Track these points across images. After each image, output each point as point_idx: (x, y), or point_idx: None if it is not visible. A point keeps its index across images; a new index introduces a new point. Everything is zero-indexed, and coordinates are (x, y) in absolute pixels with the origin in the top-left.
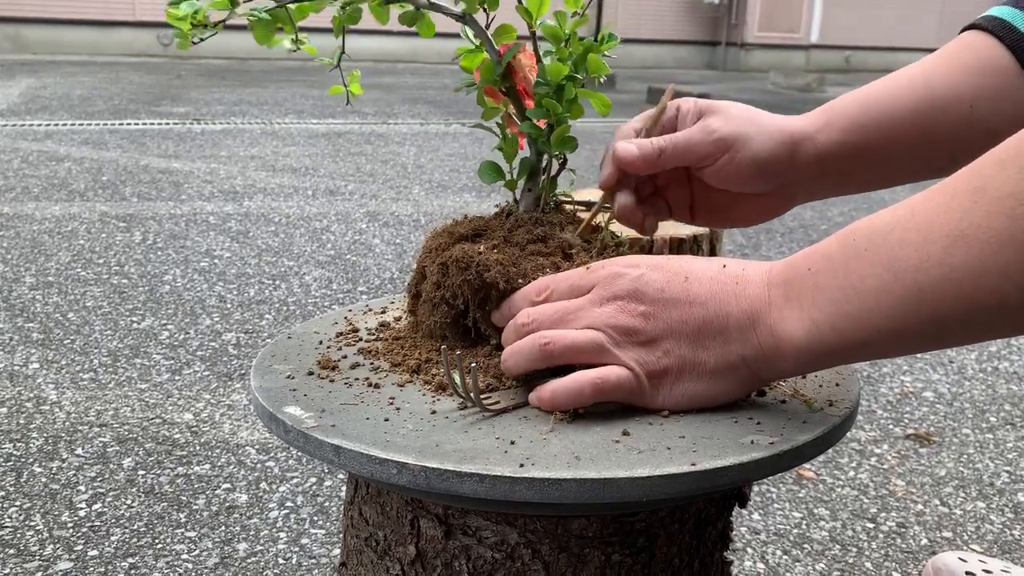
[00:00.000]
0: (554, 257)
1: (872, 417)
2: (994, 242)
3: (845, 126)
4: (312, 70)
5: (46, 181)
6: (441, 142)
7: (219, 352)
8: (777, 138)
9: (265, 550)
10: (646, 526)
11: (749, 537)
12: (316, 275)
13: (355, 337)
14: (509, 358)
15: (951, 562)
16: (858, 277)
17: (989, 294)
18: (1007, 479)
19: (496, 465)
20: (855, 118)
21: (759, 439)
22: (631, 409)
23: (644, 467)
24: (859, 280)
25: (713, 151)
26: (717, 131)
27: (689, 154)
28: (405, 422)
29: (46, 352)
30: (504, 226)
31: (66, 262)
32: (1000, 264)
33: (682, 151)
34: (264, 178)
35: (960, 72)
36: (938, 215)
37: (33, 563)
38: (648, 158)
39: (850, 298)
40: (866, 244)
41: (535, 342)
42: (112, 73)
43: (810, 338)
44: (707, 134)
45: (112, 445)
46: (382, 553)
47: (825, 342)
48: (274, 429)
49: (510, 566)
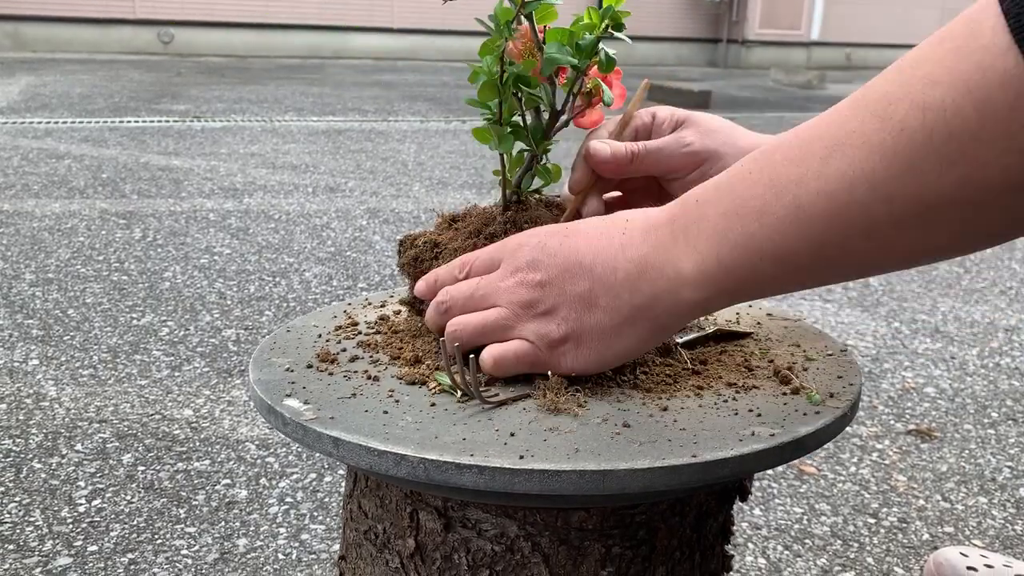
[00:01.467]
0: None
1: (873, 412)
2: (864, 148)
3: None
4: (312, 68)
5: (46, 178)
6: (441, 139)
7: (219, 348)
8: None
9: (265, 545)
10: (646, 519)
11: (750, 532)
12: (316, 272)
13: (354, 330)
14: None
15: (953, 557)
16: (741, 200)
17: (860, 208)
18: (1009, 474)
19: (496, 457)
20: None
21: (760, 431)
22: (630, 401)
23: (644, 459)
24: (742, 203)
25: (685, 164)
26: (691, 144)
27: (661, 163)
28: (404, 414)
29: (46, 348)
30: (480, 216)
31: (66, 259)
32: (867, 171)
33: (654, 159)
34: (264, 175)
35: None
36: (820, 127)
37: (32, 559)
38: (620, 160)
39: (733, 224)
40: (750, 167)
41: (449, 330)
42: (112, 71)
43: (697, 272)
44: (680, 146)
45: (112, 441)
46: (381, 546)
47: (712, 274)
48: (273, 422)
49: (510, 559)
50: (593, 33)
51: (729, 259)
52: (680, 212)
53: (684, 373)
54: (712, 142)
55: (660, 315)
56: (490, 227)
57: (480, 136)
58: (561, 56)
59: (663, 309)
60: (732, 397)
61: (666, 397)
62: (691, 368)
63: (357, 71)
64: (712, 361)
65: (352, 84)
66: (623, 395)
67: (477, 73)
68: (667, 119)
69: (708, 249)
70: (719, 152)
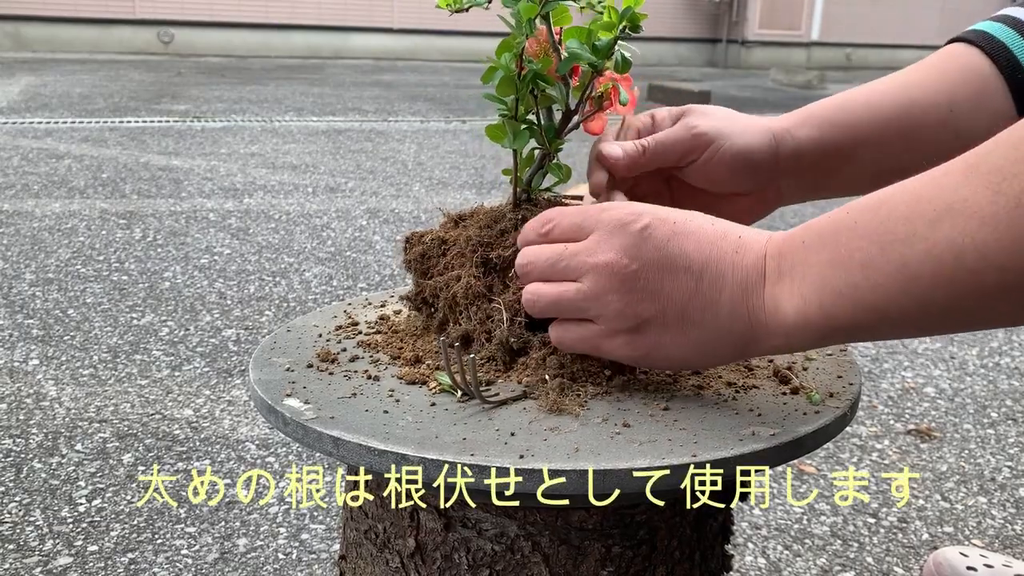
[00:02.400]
0: None
1: (873, 412)
2: (976, 218)
3: (822, 123)
4: (312, 68)
5: (46, 178)
6: (441, 139)
7: (219, 348)
8: (757, 133)
9: (265, 545)
10: (647, 518)
11: (750, 532)
12: (316, 272)
13: (354, 330)
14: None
15: (952, 557)
16: (847, 251)
17: (969, 274)
18: (1008, 474)
19: (496, 456)
20: (832, 117)
21: (760, 430)
22: (631, 401)
23: (644, 458)
24: (847, 254)
25: (695, 146)
26: (698, 127)
27: (672, 151)
28: (404, 414)
29: (46, 348)
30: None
31: (66, 259)
32: (979, 241)
33: (665, 148)
34: (264, 175)
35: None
36: (929, 189)
37: (33, 558)
38: (633, 156)
39: (838, 272)
40: (857, 217)
41: (525, 297)
42: (112, 71)
43: (798, 315)
44: (688, 130)
45: (112, 441)
46: (381, 545)
47: (813, 319)
48: (273, 421)
49: (510, 558)
50: (611, 33)
51: (831, 306)
52: (788, 250)
53: (684, 373)
54: (716, 123)
55: (748, 345)
56: (500, 224)
57: (493, 134)
58: (581, 53)
59: (753, 341)
60: (732, 397)
61: (666, 397)
62: None
63: (357, 71)
64: None
65: (352, 84)
66: (623, 395)
67: (493, 69)
68: (667, 116)
69: (811, 295)
70: (724, 131)
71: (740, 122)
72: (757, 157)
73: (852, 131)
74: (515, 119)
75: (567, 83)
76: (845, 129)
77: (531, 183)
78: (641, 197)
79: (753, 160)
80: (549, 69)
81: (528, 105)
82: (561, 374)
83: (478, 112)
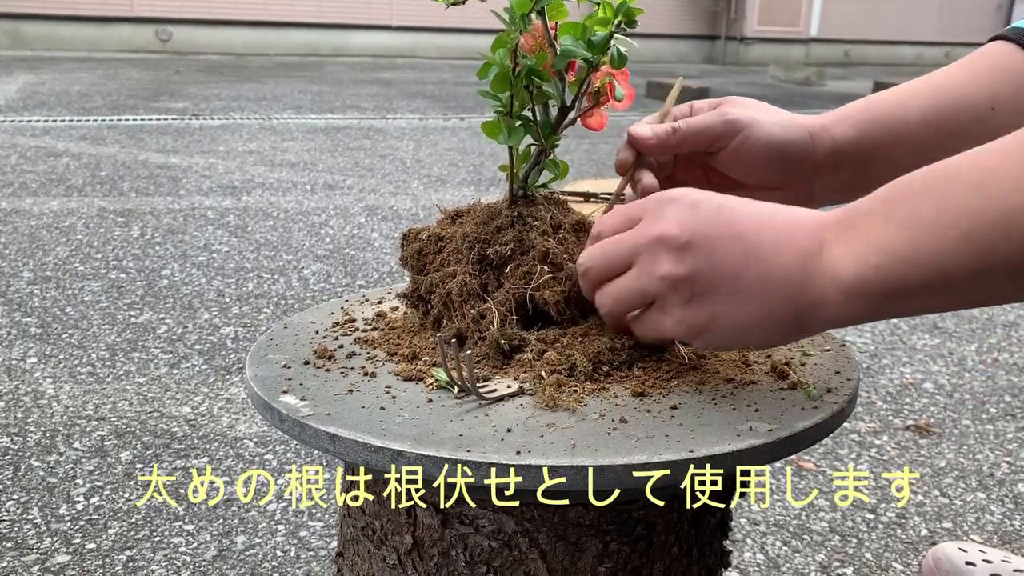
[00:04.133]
0: None
1: (872, 408)
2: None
3: (859, 122)
4: (310, 65)
5: (44, 176)
6: (440, 137)
7: (217, 346)
8: (791, 127)
9: (263, 542)
10: (644, 514)
11: (749, 528)
12: (315, 269)
13: (351, 327)
14: None
15: (951, 552)
16: (909, 215)
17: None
18: (1007, 470)
19: (493, 452)
20: (870, 116)
21: (757, 426)
22: (628, 398)
23: (641, 454)
24: (910, 217)
25: (726, 132)
26: (729, 113)
27: (702, 135)
28: (401, 410)
29: (44, 346)
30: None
31: (64, 257)
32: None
33: (695, 131)
34: (262, 173)
35: (977, 76)
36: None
37: (31, 556)
38: (662, 137)
39: (899, 236)
40: (921, 185)
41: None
42: (110, 69)
43: (855, 278)
44: (720, 116)
45: (110, 439)
46: (378, 542)
47: (872, 282)
48: (270, 418)
49: (507, 555)
50: (606, 28)
51: (889, 268)
52: (846, 216)
53: (681, 368)
54: (750, 112)
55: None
56: (496, 220)
57: (489, 130)
58: (576, 49)
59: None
60: (730, 392)
61: (664, 392)
62: (688, 363)
63: (356, 69)
64: (710, 356)
65: (351, 82)
66: (620, 390)
67: (488, 65)
68: (705, 106)
69: (869, 256)
70: (757, 119)
71: (775, 115)
72: (789, 151)
73: (890, 130)
74: (510, 115)
75: (563, 79)
76: (884, 128)
77: (527, 179)
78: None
79: (785, 153)
80: (544, 65)
81: (523, 101)
82: (558, 370)
83: (476, 109)
